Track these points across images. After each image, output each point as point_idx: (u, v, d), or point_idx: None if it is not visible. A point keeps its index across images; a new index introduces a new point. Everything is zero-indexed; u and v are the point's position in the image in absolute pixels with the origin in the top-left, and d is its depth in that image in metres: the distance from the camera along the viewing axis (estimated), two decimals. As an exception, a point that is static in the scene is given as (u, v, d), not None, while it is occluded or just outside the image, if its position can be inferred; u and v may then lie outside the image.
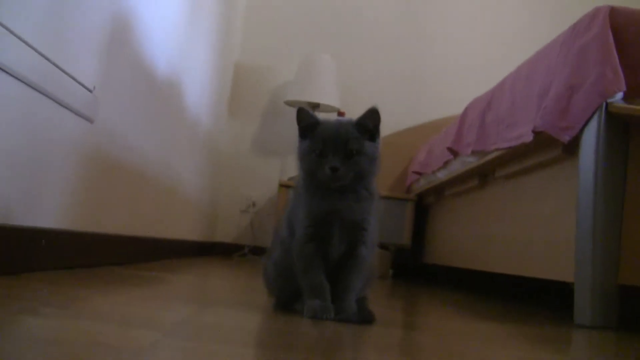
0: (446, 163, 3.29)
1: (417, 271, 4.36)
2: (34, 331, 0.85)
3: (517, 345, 1.29)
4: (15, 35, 1.37)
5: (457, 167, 3.12)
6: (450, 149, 3.12)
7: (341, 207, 1.34)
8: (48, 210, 1.67)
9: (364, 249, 1.37)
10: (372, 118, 1.35)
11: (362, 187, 1.36)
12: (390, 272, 3.89)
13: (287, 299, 1.45)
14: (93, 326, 0.93)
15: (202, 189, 3.85)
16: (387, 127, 4.29)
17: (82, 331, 0.89)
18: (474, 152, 2.79)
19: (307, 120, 1.36)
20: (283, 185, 3.91)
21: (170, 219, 3.06)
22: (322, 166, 1.30)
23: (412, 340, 1.28)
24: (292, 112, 1.37)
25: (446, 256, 3.60)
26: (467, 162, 2.95)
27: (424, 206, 4.21)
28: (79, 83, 1.75)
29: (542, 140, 2.09)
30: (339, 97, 4.10)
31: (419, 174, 3.94)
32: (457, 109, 3.30)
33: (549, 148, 2.12)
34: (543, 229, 2.19)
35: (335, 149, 1.30)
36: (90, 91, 1.84)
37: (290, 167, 4.23)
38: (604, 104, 1.81)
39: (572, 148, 1.96)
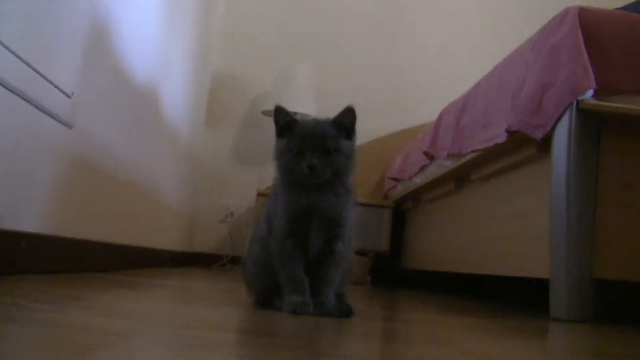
0: (423, 168, 3.32)
1: (396, 277, 4.38)
2: (24, 319, 0.86)
3: (492, 334, 1.32)
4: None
5: (434, 171, 3.15)
6: (426, 153, 3.15)
7: (319, 203, 1.36)
8: (27, 214, 1.68)
9: (341, 245, 1.40)
10: (348, 116, 1.38)
11: (339, 184, 1.39)
12: (369, 278, 3.91)
13: (266, 296, 1.46)
14: (80, 316, 0.95)
15: (181, 198, 3.85)
16: (364, 135, 4.30)
17: (69, 319, 0.90)
18: (449, 155, 2.82)
19: (284, 118, 1.38)
20: (261, 195, 3.91)
21: (148, 228, 3.06)
22: (300, 164, 1.32)
23: (390, 329, 1.30)
24: (270, 122, 1.39)
25: (425, 261, 3.62)
26: (443, 165, 2.98)
27: (401, 212, 4.24)
28: (58, 88, 1.76)
29: (516, 140, 2.13)
30: (316, 106, 4.12)
31: (396, 180, 3.97)
32: (434, 116, 3.33)
33: (523, 147, 2.16)
34: (519, 228, 2.22)
35: (313, 147, 1.32)
36: (68, 96, 1.84)
37: (268, 177, 4.22)
38: (575, 101, 1.85)
39: (545, 146, 1.99)
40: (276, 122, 1.39)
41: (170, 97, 3.20)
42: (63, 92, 1.80)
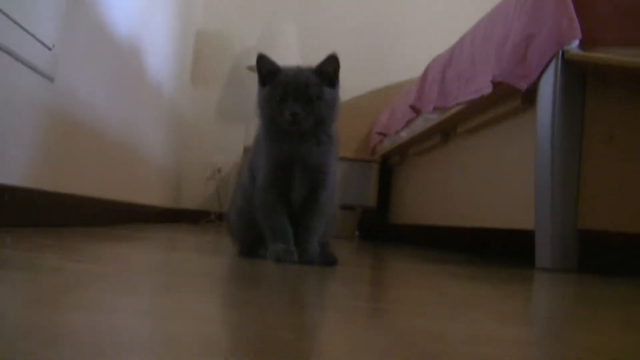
0: (409, 122, 3.31)
1: (384, 232, 4.40)
2: (1, 263, 0.86)
3: (474, 281, 1.32)
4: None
5: (420, 125, 3.14)
6: (412, 107, 3.14)
7: (302, 152, 1.35)
8: (10, 168, 1.66)
9: (325, 194, 1.39)
10: (331, 64, 1.37)
11: (322, 133, 1.38)
12: (357, 233, 3.92)
13: (250, 246, 1.47)
14: (59, 261, 0.94)
15: (167, 155, 3.84)
16: (350, 91, 4.30)
17: (47, 264, 0.90)
18: (435, 109, 2.81)
19: (267, 67, 1.37)
20: (248, 150, 3.89)
21: (134, 184, 3.05)
22: (283, 112, 1.31)
23: (373, 275, 1.31)
24: (256, 78, 1.38)
25: (412, 215, 3.63)
26: (429, 119, 2.97)
27: (388, 167, 4.24)
28: (38, 40, 1.73)
29: (501, 92, 2.12)
30: (301, 62, 4.09)
31: (383, 134, 3.96)
32: (420, 72, 3.31)
33: (508, 99, 2.15)
34: (505, 180, 2.22)
35: (296, 95, 1.31)
36: (49, 49, 1.82)
37: (254, 132, 4.20)
38: (560, 52, 1.84)
39: (530, 97, 1.99)
40: (259, 70, 1.38)
41: (153, 54, 3.16)
42: (43, 44, 1.78)
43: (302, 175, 1.36)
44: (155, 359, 0.43)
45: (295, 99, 1.31)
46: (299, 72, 1.35)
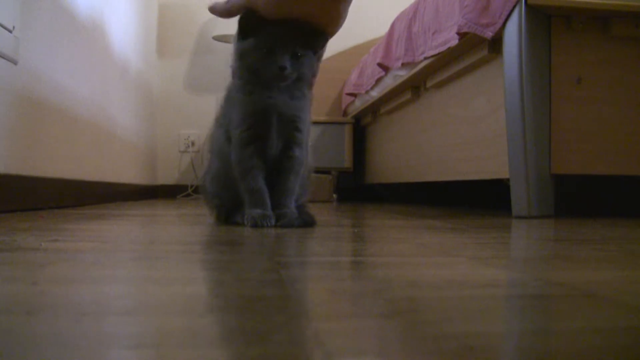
0: (378, 80, 3.31)
1: (361, 193, 4.42)
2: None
3: (451, 231, 1.33)
4: None
5: (389, 82, 3.14)
6: (380, 65, 3.14)
7: (276, 102, 1.34)
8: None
9: (299, 151, 1.39)
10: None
11: (296, 89, 1.37)
12: (335, 196, 3.93)
13: (227, 212, 1.46)
14: (33, 241, 0.94)
15: (139, 131, 3.81)
16: (318, 54, 4.28)
17: (19, 244, 0.89)
18: (404, 65, 2.81)
19: (255, 22, 1.32)
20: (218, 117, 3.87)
21: (108, 162, 3.03)
22: (270, 64, 1.30)
23: (353, 233, 1.31)
24: (222, 47, 1.37)
25: (388, 173, 3.64)
26: (398, 76, 2.97)
27: (361, 128, 4.24)
28: (-4, 22, 1.71)
29: (468, 42, 2.13)
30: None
31: (353, 95, 3.96)
32: (387, 29, 3.30)
33: (475, 50, 2.16)
34: (477, 131, 2.23)
35: (285, 49, 1.31)
36: (9, 31, 1.79)
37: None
38: (523, -3, 1.85)
39: (497, 46, 2.00)
40: (243, 25, 1.33)
41: (117, 29, 3.13)
42: (4, 27, 1.75)
43: (277, 128, 1.35)
44: (137, 320, 0.43)
45: (284, 53, 1.31)
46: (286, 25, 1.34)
